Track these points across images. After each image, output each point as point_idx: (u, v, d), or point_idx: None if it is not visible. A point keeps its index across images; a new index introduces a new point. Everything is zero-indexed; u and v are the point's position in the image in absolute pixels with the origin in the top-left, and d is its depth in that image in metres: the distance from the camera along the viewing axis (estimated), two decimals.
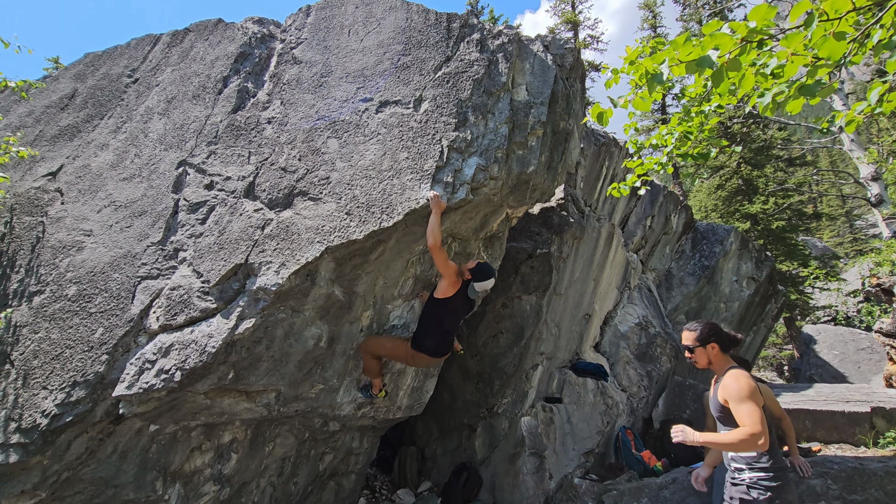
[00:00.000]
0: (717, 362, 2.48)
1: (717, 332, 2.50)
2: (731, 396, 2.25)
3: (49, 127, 4.90)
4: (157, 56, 5.20)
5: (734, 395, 2.23)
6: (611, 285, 6.68)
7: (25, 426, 2.75)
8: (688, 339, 2.54)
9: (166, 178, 3.93)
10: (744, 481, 2.31)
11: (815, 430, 4.20)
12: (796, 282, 13.69)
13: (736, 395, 2.22)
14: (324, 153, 3.76)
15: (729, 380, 2.32)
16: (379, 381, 3.79)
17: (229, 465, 3.50)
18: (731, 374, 2.33)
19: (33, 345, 3.11)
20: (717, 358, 2.47)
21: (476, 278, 3.45)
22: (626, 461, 5.08)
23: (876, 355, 7.36)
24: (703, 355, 2.48)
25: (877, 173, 9.99)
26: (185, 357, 2.86)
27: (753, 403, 2.17)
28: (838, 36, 1.25)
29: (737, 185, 14.24)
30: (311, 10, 4.90)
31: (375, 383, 3.79)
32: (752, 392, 2.20)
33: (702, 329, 2.52)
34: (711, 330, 2.50)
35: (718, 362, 2.48)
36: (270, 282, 3.10)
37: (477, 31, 4.22)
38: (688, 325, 2.61)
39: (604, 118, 2.27)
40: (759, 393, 2.26)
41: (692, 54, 1.49)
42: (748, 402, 2.17)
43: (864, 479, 3.22)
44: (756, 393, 2.22)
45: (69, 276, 3.45)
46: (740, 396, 2.20)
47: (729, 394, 2.27)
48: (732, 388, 2.25)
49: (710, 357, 2.47)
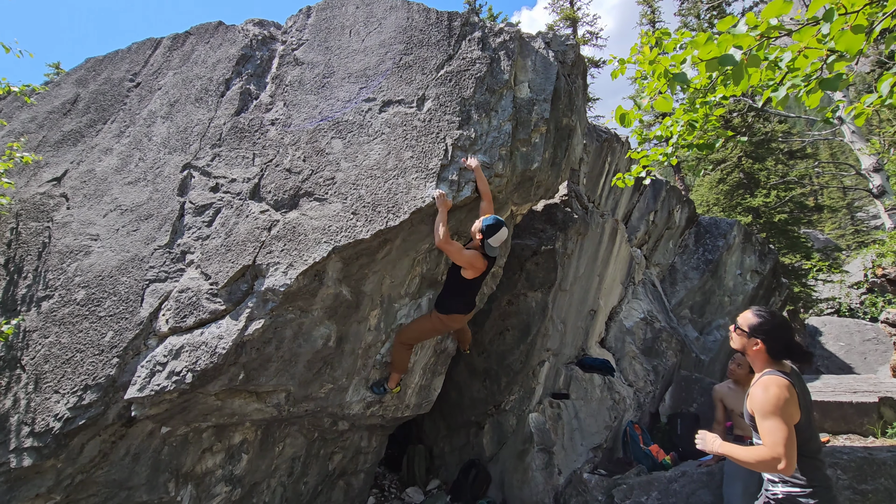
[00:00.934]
0: (756, 360, 2.17)
1: (772, 333, 2.13)
2: (756, 409, 2.01)
3: (52, 132, 4.91)
4: (158, 60, 5.20)
5: (758, 408, 1.99)
6: (615, 281, 6.68)
7: (39, 430, 2.76)
8: (741, 318, 2.25)
9: (171, 181, 3.93)
10: (777, 495, 2.07)
11: (824, 421, 4.21)
12: (799, 274, 13.67)
13: (760, 408, 1.98)
14: (328, 153, 3.77)
15: (758, 389, 2.04)
16: (398, 376, 3.88)
17: (240, 466, 3.52)
18: (763, 382, 2.05)
19: (43, 349, 3.13)
20: (758, 356, 2.15)
21: (489, 235, 3.36)
22: (635, 456, 5.08)
23: (882, 346, 7.34)
24: (741, 341, 2.21)
25: (879, 164, 9.98)
26: (196, 359, 2.87)
27: (778, 420, 1.90)
28: (856, 29, 1.24)
29: (738, 178, 14.23)
30: (311, 11, 4.90)
31: (394, 377, 3.87)
32: (780, 406, 1.93)
33: (759, 322, 2.17)
34: (766, 329, 2.15)
35: (758, 361, 2.17)
36: (279, 283, 3.11)
37: (478, 30, 4.23)
38: (755, 308, 2.28)
39: (626, 119, 2.23)
40: (795, 403, 1.98)
41: (713, 52, 1.48)
42: (771, 419, 1.92)
43: (873, 468, 3.23)
44: (786, 406, 1.94)
45: (77, 280, 3.46)
46: (764, 411, 1.95)
47: (754, 405, 2.03)
48: (758, 400, 2.00)
49: (748, 349, 2.18)
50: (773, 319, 2.16)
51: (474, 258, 3.39)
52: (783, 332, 2.12)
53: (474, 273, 3.44)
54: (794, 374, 2.12)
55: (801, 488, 1.97)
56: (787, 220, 13.54)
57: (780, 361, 2.12)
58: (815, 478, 1.99)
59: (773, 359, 2.12)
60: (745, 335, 2.18)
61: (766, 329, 2.13)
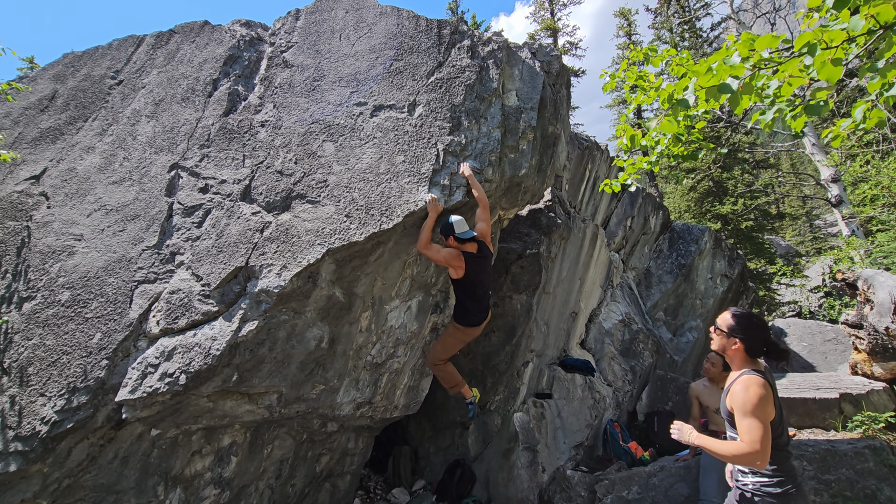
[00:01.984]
0: (735, 359, 2.27)
1: (750, 332, 2.24)
2: (737, 407, 2.09)
3: (29, 129, 4.77)
4: (141, 57, 5.12)
5: (739, 406, 2.08)
6: (595, 284, 6.88)
7: (24, 434, 2.70)
8: (720, 319, 2.36)
9: (158, 181, 3.89)
10: (746, 486, 2.17)
11: (790, 416, 4.46)
12: (763, 279, 14.32)
13: (741, 406, 2.07)
14: (320, 156, 3.80)
15: (738, 387, 2.13)
16: (461, 387, 3.86)
17: (229, 469, 3.50)
18: (743, 381, 2.13)
19: (27, 352, 3.05)
20: (736, 355, 2.25)
21: (447, 231, 3.45)
22: (615, 452, 5.26)
23: (841, 346, 7.80)
24: (721, 341, 2.31)
25: (836, 175, 10.57)
26: (190, 360, 2.86)
27: (757, 419, 2.00)
28: (835, 62, 1.40)
29: (708, 186, 14.81)
30: (300, 14, 4.92)
31: (463, 391, 3.87)
32: (759, 405, 2.03)
33: (737, 321, 2.28)
34: (744, 328, 2.26)
35: (736, 360, 2.26)
36: (273, 284, 3.13)
37: (467, 38, 4.34)
38: (734, 309, 2.39)
39: (636, 140, 2.35)
40: (771, 401, 2.09)
41: (712, 81, 1.62)
42: (751, 418, 2.02)
43: (835, 459, 3.46)
44: (764, 405, 2.04)
45: (61, 281, 3.39)
46: (744, 410, 2.05)
47: (735, 402, 2.11)
48: (738, 398, 2.09)
49: (728, 349, 2.28)
50: (751, 320, 2.29)
51: (451, 256, 3.42)
52: (760, 332, 2.26)
53: (460, 271, 3.47)
54: (768, 372, 2.27)
55: (769, 478, 2.09)
56: (752, 227, 14.17)
57: (756, 360, 2.26)
58: (783, 469, 2.12)
59: (750, 357, 2.24)
60: (725, 335, 2.29)
61: (744, 329, 2.25)
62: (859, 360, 4.81)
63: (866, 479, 3.36)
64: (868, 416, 4.02)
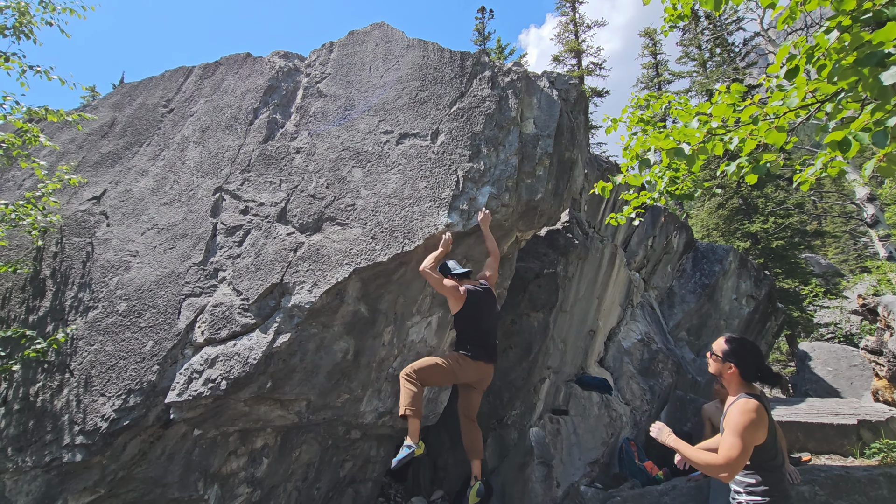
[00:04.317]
0: (731, 383, 2.36)
1: (743, 358, 2.35)
2: (728, 426, 2.22)
3: (91, 153, 5.29)
4: (190, 87, 5.61)
5: (730, 426, 2.21)
6: (614, 303, 6.97)
7: (88, 429, 3.06)
8: (716, 345, 2.48)
9: (204, 203, 4.29)
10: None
11: (807, 442, 4.44)
12: (798, 299, 13.90)
13: (731, 426, 2.20)
14: (349, 181, 4.12)
15: (735, 410, 2.23)
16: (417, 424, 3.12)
17: (261, 469, 3.79)
18: (739, 404, 2.23)
19: (90, 356, 3.44)
20: (732, 379, 2.35)
21: (445, 271, 3.53)
22: (630, 471, 5.31)
23: (868, 371, 7.56)
24: (717, 366, 2.42)
25: (872, 194, 10.30)
26: (230, 368, 3.18)
27: (740, 440, 2.12)
28: (779, 129, 1.59)
29: (737, 204, 14.58)
30: (333, 47, 5.31)
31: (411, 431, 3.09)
32: (748, 428, 2.13)
33: (731, 347, 2.39)
34: (737, 353, 2.37)
35: (732, 384, 2.35)
36: (304, 300, 3.43)
37: (488, 69, 4.61)
38: (728, 335, 2.52)
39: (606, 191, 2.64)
40: (764, 426, 2.19)
41: (669, 144, 1.84)
42: (735, 437, 2.14)
43: (848, 485, 3.47)
44: (754, 430, 2.15)
45: (119, 293, 3.79)
46: (733, 430, 2.17)
47: (728, 423, 2.23)
48: (732, 420, 2.21)
49: (724, 374, 2.38)
50: (744, 346, 2.41)
51: (451, 286, 3.38)
52: (753, 358, 2.37)
53: (459, 302, 3.38)
54: (763, 397, 2.39)
55: (762, 497, 2.20)
56: (785, 246, 13.82)
57: (751, 384, 2.37)
58: (777, 490, 2.23)
59: (745, 381, 2.36)
60: (720, 360, 2.41)
61: (739, 354, 2.37)
62: (880, 387, 4.74)
63: None
64: (886, 443, 3.98)
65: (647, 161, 2.07)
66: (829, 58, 1.39)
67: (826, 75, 1.40)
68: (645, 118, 2.82)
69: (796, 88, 1.54)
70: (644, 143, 2.06)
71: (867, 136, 1.32)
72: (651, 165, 2.08)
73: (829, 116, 1.49)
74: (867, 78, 1.27)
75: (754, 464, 2.25)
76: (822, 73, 1.43)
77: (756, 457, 2.25)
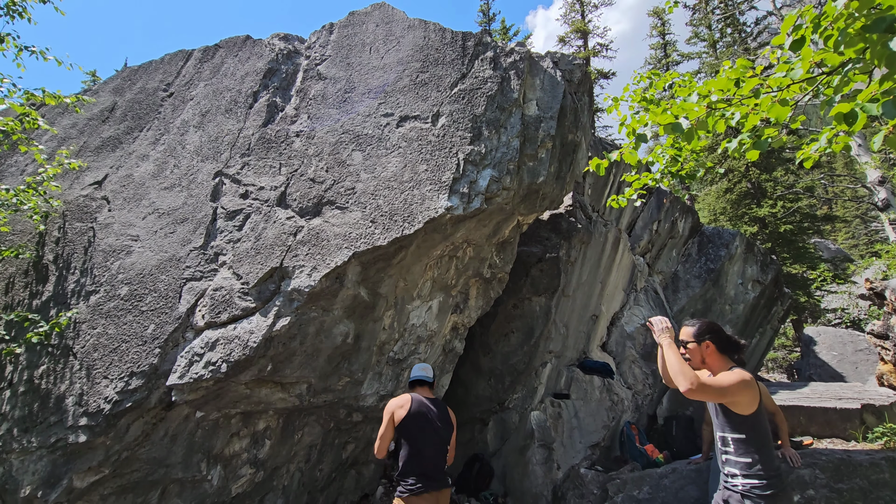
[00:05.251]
0: (713, 362, 2.39)
1: (714, 330, 2.42)
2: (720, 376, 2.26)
3: (92, 138, 5.27)
4: (189, 71, 5.55)
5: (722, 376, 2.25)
6: (617, 287, 6.93)
7: (91, 410, 3.10)
8: (684, 335, 2.49)
9: (204, 187, 4.27)
10: (736, 487, 2.25)
11: (809, 426, 4.43)
12: (805, 284, 13.77)
13: (721, 375, 2.27)
14: (349, 165, 4.08)
15: (733, 373, 2.28)
16: None
17: (263, 451, 3.84)
18: (738, 371, 2.28)
19: (92, 339, 3.47)
20: (713, 357, 2.39)
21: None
22: (631, 454, 5.34)
23: (873, 356, 7.49)
24: (696, 353, 2.43)
25: (883, 177, 10.11)
26: (230, 351, 3.20)
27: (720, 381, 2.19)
28: (782, 103, 1.53)
29: (745, 188, 14.36)
30: (333, 28, 5.22)
31: None
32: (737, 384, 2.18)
33: (699, 326, 2.45)
34: (709, 328, 2.43)
35: (715, 362, 2.39)
36: (304, 284, 3.43)
37: (490, 49, 4.51)
38: (686, 321, 2.56)
39: (601, 168, 2.59)
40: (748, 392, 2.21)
41: (667, 119, 1.78)
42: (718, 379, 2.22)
43: (849, 469, 3.46)
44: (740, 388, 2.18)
45: (120, 277, 3.81)
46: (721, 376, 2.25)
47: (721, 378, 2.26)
48: (725, 374, 2.26)
49: (705, 355, 2.40)
50: (706, 322, 2.48)
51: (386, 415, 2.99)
52: (719, 328, 2.44)
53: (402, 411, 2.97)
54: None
55: (759, 479, 2.20)
56: (793, 230, 13.64)
57: (728, 358, 2.40)
58: (771, 470, 2.22)
59: (722, 354, 2.40)
60: (696, 344, 2.42)
61: (708, 329, 2.43)
62: (885, 371, 4.70)
63: (880, 490, 3.35)
64: (890, 427, 3.96)
65: (644, 136, 2.02)
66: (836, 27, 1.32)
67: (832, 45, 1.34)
68: (648, 97, 2.75)
69: (801, 60, 1.48)
70: (642, 119, 2.00)
71: (875, 107, 1.27)
72: (647, 140, 2.03)
73: (836, 90, 1.43)
74: (875, 44, 1.21)
75: (753, 444, 2.24)
76: (829, 43, 1.37)
77: (755, 436, 2.25)
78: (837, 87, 1.43)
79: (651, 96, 2.70)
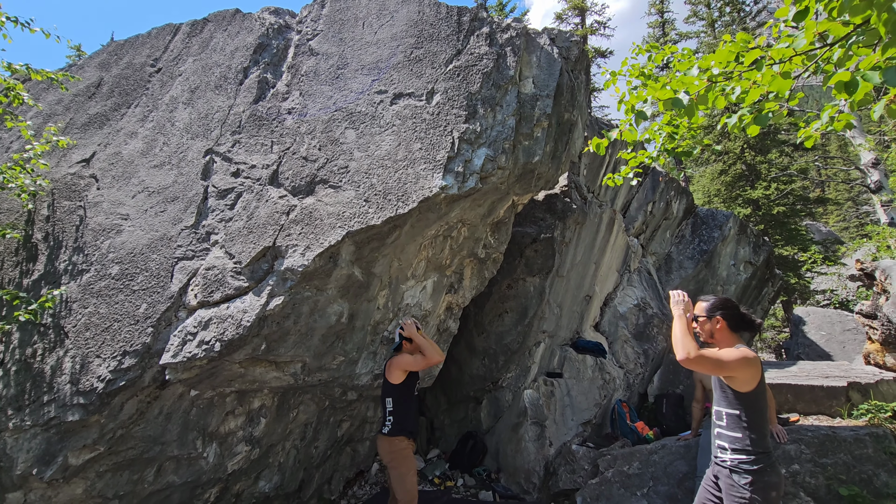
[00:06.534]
0: (722, 338, 2.41)
1: (727, 307, 2.43)
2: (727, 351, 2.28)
3: (79, 115, 5.15)
4: (177, 46, 5.40)
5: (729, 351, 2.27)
6: (611, 268, 6.96)
7: (84, 389, 3.10)
8: (697, 309, 2.52)
9: (195, 165, 4.20)
10: (725, 462, 2.30)
11: (796, 403, 4.52)
12: (796, 266, 13.92)
13: (724, 351, 2.30)
14: (342, 143, 4.01)
15: (737, 349, 2.30)
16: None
17: (259, 429, 3.87)
18: (742, 349, 2.29)
19: (84, 318, 3.45)
20: (723, 333, 2.40)
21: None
22: (622, 431, 5.44)
23: (861, 336, 7.64)
24: (706, 327, 2.45)
25: (877, 160, 10.14)
26: (224, 330, 3.19)
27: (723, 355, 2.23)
28: (784, 75, 1.50)
29: (740, 170, 14.37)
30: (325, 2, 5.08)
31: None
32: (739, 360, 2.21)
33: (712, 302, 2.47)
34: (722, 305, 2.44)
35: (724, 338, 2.40)
36: (297, 263, 3.40)
37: (486, 25, 4.42)
38: (702, 297, 2.58)
39: (601, 148, 2.56)
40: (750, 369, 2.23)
41: (667, 94, 1.75)
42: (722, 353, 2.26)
43: (834, 444, 3.55)
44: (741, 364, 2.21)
45: (111, 256, 3.76)
46: (725, 350, 2.29)
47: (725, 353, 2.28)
48: (731, 351, 2.28)
49: (714, 331, 2.41)
50: (721, 299, 2.50)
51: None
52: (734, 306, 2.46)
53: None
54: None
55: (748, 454, 2.25)
56: (786, 213, 13.72)
57: (740, 336, 2.42)
58: (762, 445, 2.27)
59: (733, 332, 2.42)
60: (707, 319, 2.45)
61: (721, 306, 2.45)
62: (872, 350, 4.79)
63: (863, 465, 3.44)
64: (875, 404, 4.05)
65: (644, 113, 1.99)
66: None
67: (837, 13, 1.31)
68: (646, 72, 2.70)
69: (805, 30, 1.45)
70: (640, 95, 1.97)
71: (877, 75, 1.25)
72: (647, 118, 2.00)
73: (838, 63, 1.41)
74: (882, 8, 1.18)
75: (746, 420, 2.27)
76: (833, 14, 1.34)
77: (750, 414, 2.28)
78: (840, 61, 1.40)
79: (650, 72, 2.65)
